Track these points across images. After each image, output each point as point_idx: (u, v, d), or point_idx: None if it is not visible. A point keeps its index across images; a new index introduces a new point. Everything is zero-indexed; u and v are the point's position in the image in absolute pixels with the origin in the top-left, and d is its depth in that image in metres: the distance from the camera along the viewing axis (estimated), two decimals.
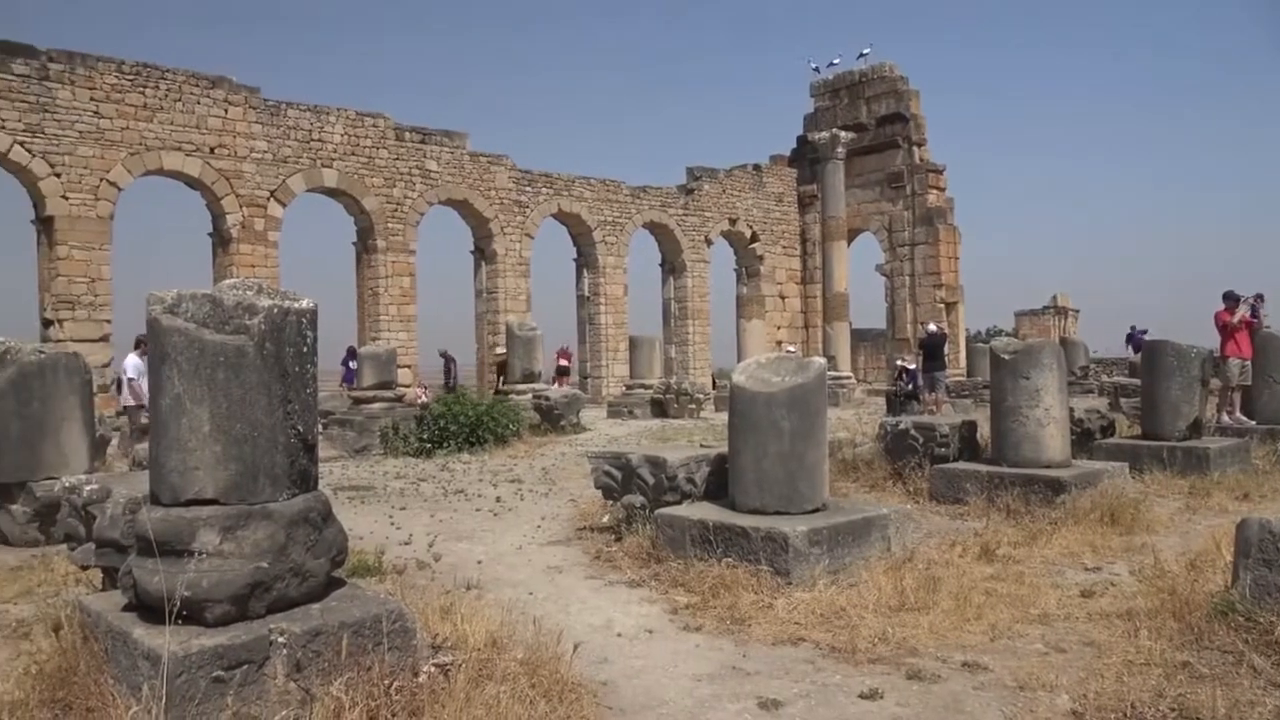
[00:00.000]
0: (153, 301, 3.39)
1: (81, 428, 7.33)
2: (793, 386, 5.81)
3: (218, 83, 21.00)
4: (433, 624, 4.16)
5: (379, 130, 23.51)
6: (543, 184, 26.78)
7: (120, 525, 4.17)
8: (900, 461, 8.94)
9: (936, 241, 30.32)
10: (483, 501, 9.09)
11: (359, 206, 23.36)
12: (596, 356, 28.28)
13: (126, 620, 3.36)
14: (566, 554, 6.67)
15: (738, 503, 5.92)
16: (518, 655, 3.85)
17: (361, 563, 5.74)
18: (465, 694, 3.33)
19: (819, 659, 4.29)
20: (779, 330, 32.24)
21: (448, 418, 13.81)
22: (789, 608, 4.89)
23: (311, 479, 3.61)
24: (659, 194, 29.48)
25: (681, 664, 4.27)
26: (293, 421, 3.47)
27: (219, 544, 3.27)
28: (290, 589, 3.42)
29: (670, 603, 5.23)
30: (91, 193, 19.25)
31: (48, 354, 7.23)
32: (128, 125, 19.66)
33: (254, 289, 3.49)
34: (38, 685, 3.49)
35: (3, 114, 18.17)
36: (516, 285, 26.08)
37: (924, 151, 30.93)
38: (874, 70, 31.80)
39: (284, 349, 3.44)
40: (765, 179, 32.26)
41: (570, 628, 4.62)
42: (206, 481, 3.32)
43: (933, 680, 3.98)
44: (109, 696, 3.17)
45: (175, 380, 3.32)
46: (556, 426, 16.51)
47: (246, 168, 21.33)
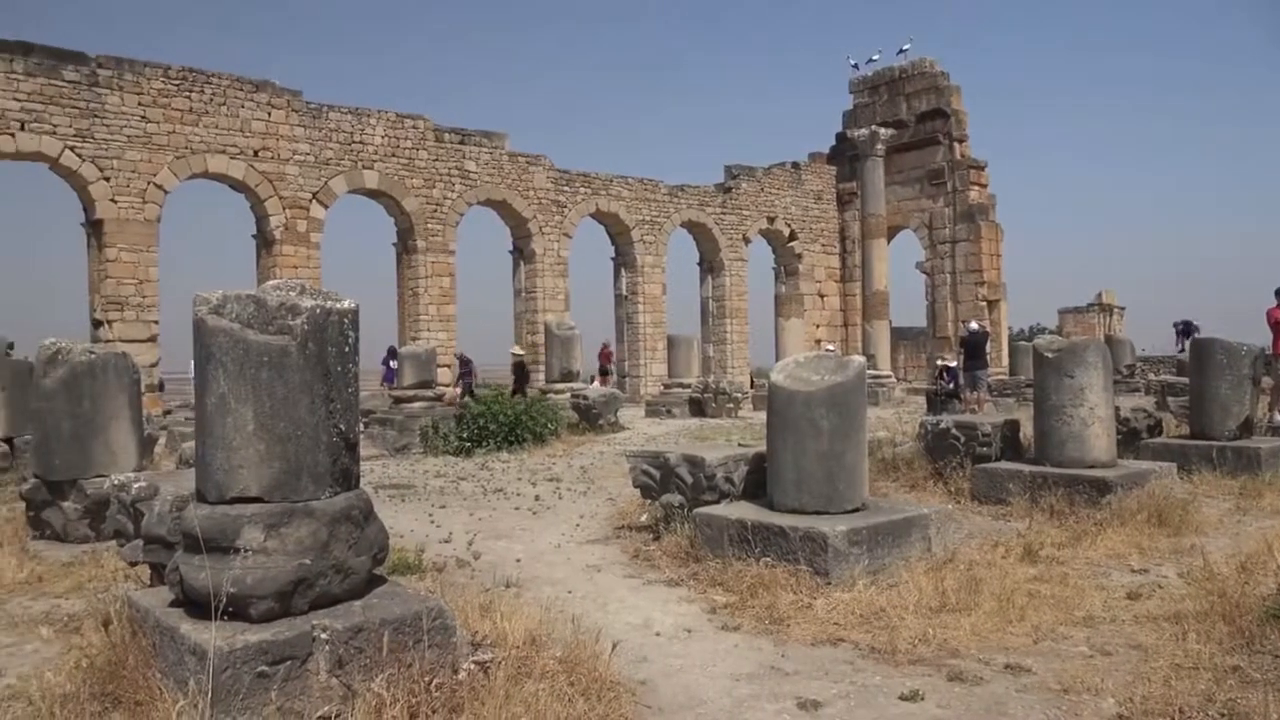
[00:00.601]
0: (199, 302, 3.45)
1: (130, 426, 7.46)
2: (832, 385, 5.77)
3: (261, 86, 21.32)
4: (472, 621, 4.18)
5: (419, 131, 23.72)
6: (581, 184, 26.86)
7: (167, 522, 4.25)
8: (941, 461, 8.84)
9: (978, 238, 29.97)
10: (521, 500, 9.13)
11: (399, 207, 23.59)
12: (634, 356, 28.31)
13: (173, 616, 3.42)
14: (605, 553, 6.68)
15: (776, 502, 5.90)
16: (556, 653, 3.87)
17: (402, 560, 5.80)
18: (505, 691, 3.35)
19: (858, 660, 4.26)
20: (818, 329, 32.05)
21: (487, 417, 13.90)
22: (828, 608, 4.86)
23: (353, 477, 3.65)
24: (697, 193, 29.44)
25: (720, 663, 4.26)
26: (335, 420, 3.51)
27: (263, 541, 3.32)
28: (332, 586, 3.46)
29: (708, 602, 5.22)
30: (139, 196, 19.63)
31: (97, 354, 7.36)
32: (174, 129, 20.02)
33: (297, 289, 3.53)
34: (88, 679, 3.57)
35: (54, 120, 18.58)
36: (555, 285, 26.18)
37: (965, 147, 30.58)
38: (914, 66, 31.51)
39: (326, 349, 3.48)
40: (804, 177, 32.09)
41: (609, 626, 4.63)
42: (251, 479, 3.37)
43: (974, 682, 3.93)
44: (156, 690, 3.23)
45: (220, 380, 3.37)
46: (594, 426, 16.55)
47: (289, 170, 21.63)
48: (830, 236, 32.64)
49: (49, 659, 4.23)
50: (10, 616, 5.10)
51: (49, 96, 18.54)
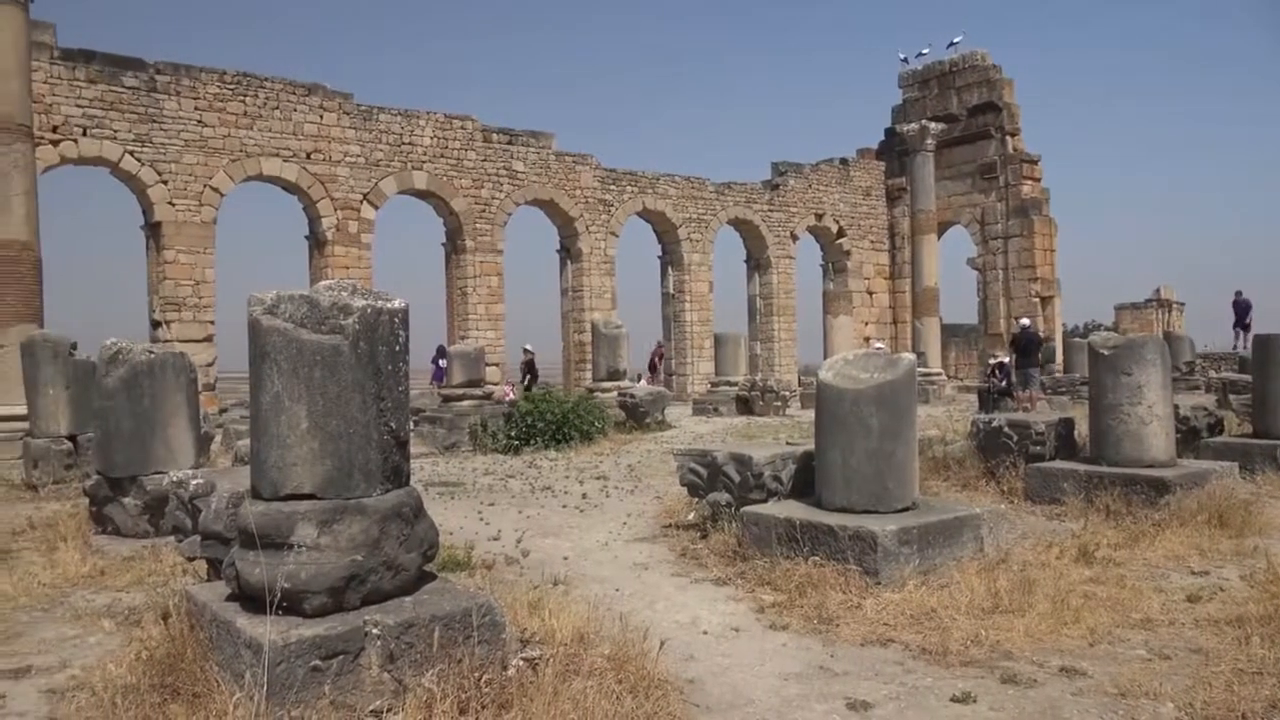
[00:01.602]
0: (253, 303, 3.51)
1: (188, 424, 7.62)
2: (881, 383, 5.72)
3: (313, 90, 21.65)
4: (521, 618, 4.21)
5: (467, 132, 23.92)
6: (627, 182, 26.89)
7: (224, 518, 4.33)
8: (993, 460, 8.71)
9: (1031, 234, 29.47)
10: (569, 498, 9.17)
11: (448, 207, 23.81)
12: (681, 354, 28.28)
13: (230, 610, 3.49)
14: (652, 551, 6.68)
15: (825, 501, 5.86)
16: (604, 651, 3.88)
17: (451, 557, 5.86)
18: (553, 688, 3.37)
19: (909, 660, 4.21)
20: (866, 326, 31.75)
21: (535, 415, 13.98)
22: (878, 608, 4.81)
23: (404, 475, 3.70)
24: (743, 190, 29.32)
25: (768, 663, 4.24)
26: (385, 419, 3.55)
27: (316, 537, 3.37)
28: (383, 582, 3.50)
29: (756, 601, 5.20)
30: (196, 199, 20.05)
31: (156, 354, 7.53)
32: (229, 133, 20.41)
33: (348, 289, 3.58)
34: (148, 671, 3.66)
35: (114, 125, 19.05)
36: (602, 283, 26.25)
37: (1018, 141, 30.07)
38: (965, 59, 31.06)
39: (377, 348, 3.52)
40: (852, 173, 31.80)
41: (656, 624, 4.63)
42: (304, 477, 3.42)
43: (1028, 685, 3.87)
44: (214, 683, 3.29)
45: (274, 379, 3.43)
46: (641, 424, 16.56)
47: (340, 171, 21.94)
48: (879, 233, 32.31)
49: (111, 651, 4.33)
50: (74, 609, 5.24)
51: (109, 102, 19.01)
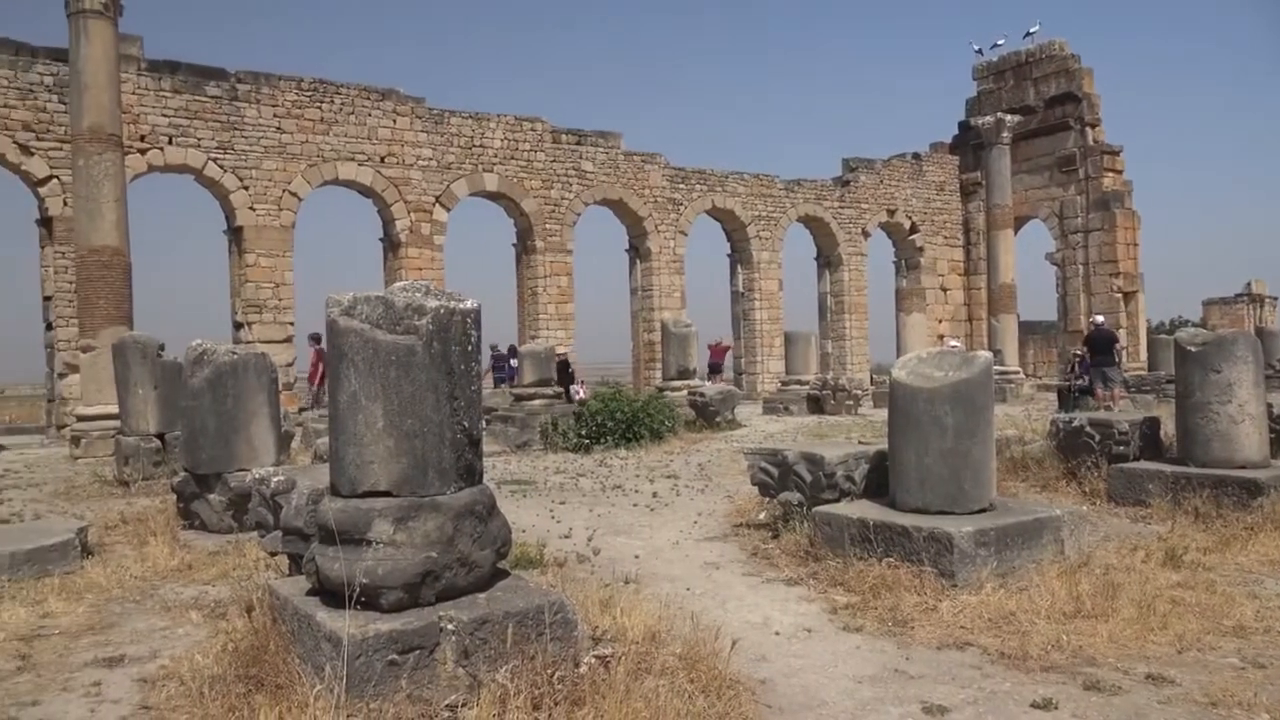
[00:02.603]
0: (331, 304, 3.59)
1: (269, 423, 7.84)
2: (956, 382, 5.61)
3: (387, 95, 22.08)
4: (592, 616, 4.24)
5: (536, 134, 24.14)
6: (696, 181, 26.84)
7: (304, 514, 4.44)
8: (1074, 460, 8.47)
9: (1113, 227, 28.61)
10: (639, 497, 9.19)
11: (518, 209, 24.07)
12: (751, 352, 28.13)
13: (310, 604, 3.58)
14: (723, 550, 6.66)
15: (899, 501, 5.77)
16: (676, 650, 3.88)
17: (524, 555, 5.91)
18: (625, 686, 3.38)
19: (987, 665, 4.12)
20: (941, 324, 31.19)
21: (605, 414, 14.04)
22: (954, 610, 4.72)
23: (477, 473, 3.74)
24: (813, 187, 29.04)
25: (841, 664, 4.19)
26: (459, 418, 3.60)
27: (392, 534, 3.43)
28: (458, 578, 3.55)
29: (829, 602, 5.14)
30: (275, 203, 20.61)
31: (239, 354, 7.76)
32: (306, 139, 20.93)
33: (422, 291, 3.64)
34: (233, 662, 3.77)
35: (198, 133, 19.69)
36: (671, 282, 26.25)
37: (1098, 132, 29.22)
38: (1042, 49, 30.29)
39: (450, 348, 3.57)
40: (925, 167, 31.27)
41: (727, 624, 4.62)
42: (380, 474, 3.49)
43: (1112, 692, 3.76)
44: (295, 675, 3.38)
45: (352, 378, 3.50)
46: (711, 423, 16.52)
47: (414, 175, 22.33)
48: (953, 228, 31.71)
49: (198, 642, 4.48)
50: (163, 601, 5.43)
51: (193, 111, 19.66)
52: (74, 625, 4.94)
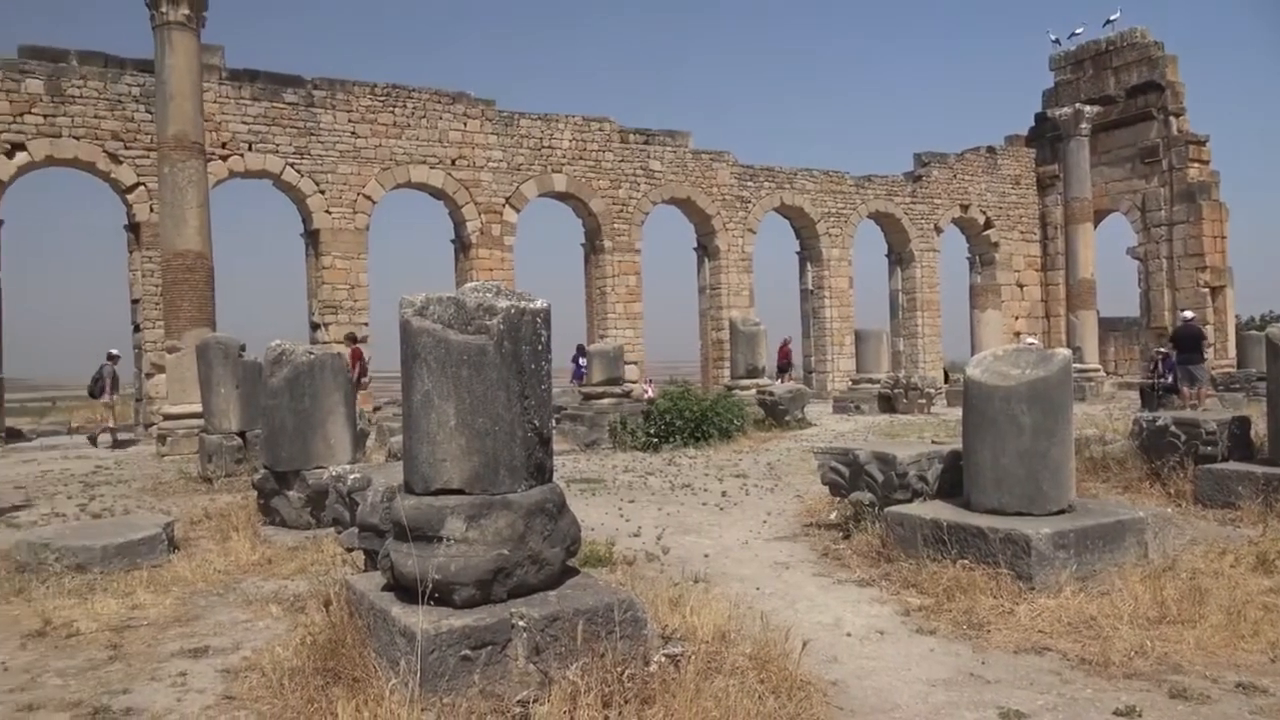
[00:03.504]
0: (405, 305, 3.66)
1: (345, 421, 8.00)
2: (1034, 380, 5.47)
3: (457, 98, 22.40)
4: (662, 615, 4.24)
5: (604, 134, 24.24)
6: (764, 178, 26.68)
7: (379, 511, 4.53)
8: (1158, 461, 8.20)
9: (1199, 220, 27.61)
10: (708, 496, 9.16)
11: (586, 209, 24.20)
12: (821, 350, 27.85)
13: (385, 599, 3.64)
14: (793, 550, 6.61)
15: (973, 502, 5.65)
16: (746, 650, 3.86)
17: (593, 553, 5.94)
18: (695, 685, 3.37)
19: (1066, 670, 4.02)
20: (1016, 320, 30.48)
21: (673, 413, 14.04)
22: (1032, 614, 4.61)
23: (547, 471, 3.77)
24: (884, 183, 28.63)
25: (914, 667, 4.13)
26: (529, 416, 3.63)
27: (465, 531, 3.48)
28: (528, 576, 3.58)
29: (902, 604, 5.07)
30: (350, 207, 21.06)
31: (316, 354, 7.94)
32: (380, 143, 21.35)
33: (493, 291, 3.68)
34: (312, 655, 3.86)
35: (276, 139, 20.23)
36: (739, 281, 26.13)
37: (1182, 122, 28.23)
38: (1123, 38, 29.38)
39: (520, 347, 3.61)
40: (1000, 161, 30.58)
41: (798, 625, 4.58)
42: (453, 472, 3.54)
43: (1200, 700, 3.63)
44: (371, 668, 3.45)
45: (425, 378, 3.56)
46: (781, 422, 16.40)
47: (484, 177, 22.62)
48: (1030, 223, 30.97)
49: (278, 635, 4.60)
50: (245, 595, 5.59)
51: (272, 118, 20.20)
52: (161, 617, 5.12)
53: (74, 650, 4.57)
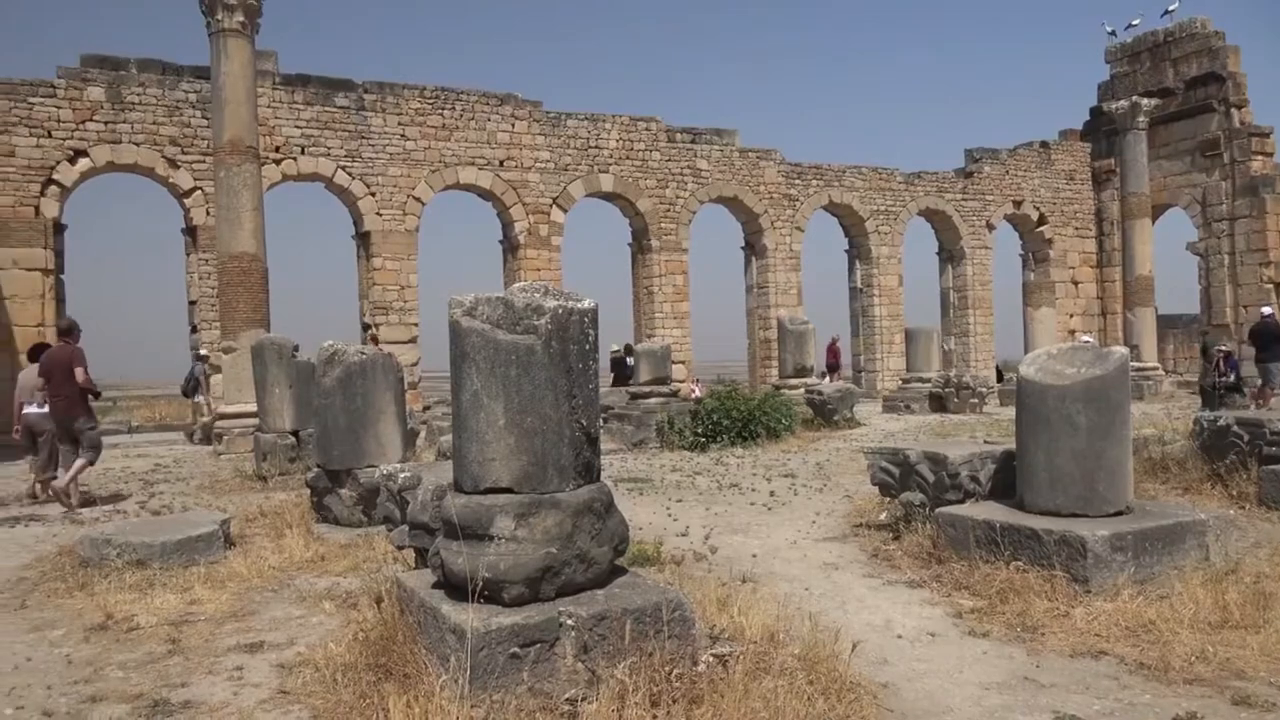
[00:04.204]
0: (454, 305, 3.69)
1: (395, 421, 8.10)
2: (1089, 379, 5.36)
3: (505, 100, 22.57)
4: (710, 614, 4.23)
5: (651, 133, 24.25)
6: (812, 176, 26.49)
7: (429, 510, 4.57)
8: (1220, 462, 7.99)
9: (1262, 214, 26.85)
10: (756, 496, 9.12)
11: (634, 208, 24.23)
12: (870, 349, 27.60)
13: (435, 597, 3.68)
14: (842, 551, 6.55)
15: (1027, 503, 5.56)
16: (794, 651, 3.83)
17: (641, 552, 5.94)
18: (743, 686, 3.36)
19: (1124, 675, 3.93)
20: (1071, 319, 29.92)
21: (721, 412, 14.00)
22: (1088, 617, 4.52)
23: (594, 470, 3.78)
24: (934, 179, 28.28)
25: (967, 670, 4.07)
26: (577, 416, 3.65)
27: (513, 530, 3.50)
28: (576, 574, 3.60)
29: (953, 605, 5.00)
30: (400, 209, 21.32)
31: (367, 355, 8.05)
32: (429, 145, 21.58)
33: (540, 291, 3.70)
34: (364, 651, 3.92)
35: (328, 143, 20.55)
36: (787, 279, 25.99)
37: (1245, 114, 27.47)
38: (1182, 28, 28.69)
39: (568, 347, 3.62)
40: (1054, 156, 30.04)
41: (848, 626, 4.54)
42: (502, 471, 3.56)
43: (1265, 708, 3.53)
44: (422, 665, 3.48)
45: (474, 377, 3.59)
46: (829, 421, 16.28)
47: (531, 177, 22.75)
48: (1085, 219, 30.37)
49: (331, 631, 4.67)
50: (299, 591, 5.68)
51: (324, 122, 20.52)
52: (218, 612, 5.22)
53: (134, 644, 4.69)
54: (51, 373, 9.68)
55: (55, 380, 9.67)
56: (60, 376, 9.65)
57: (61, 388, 9.65)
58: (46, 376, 9.71)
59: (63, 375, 9.64)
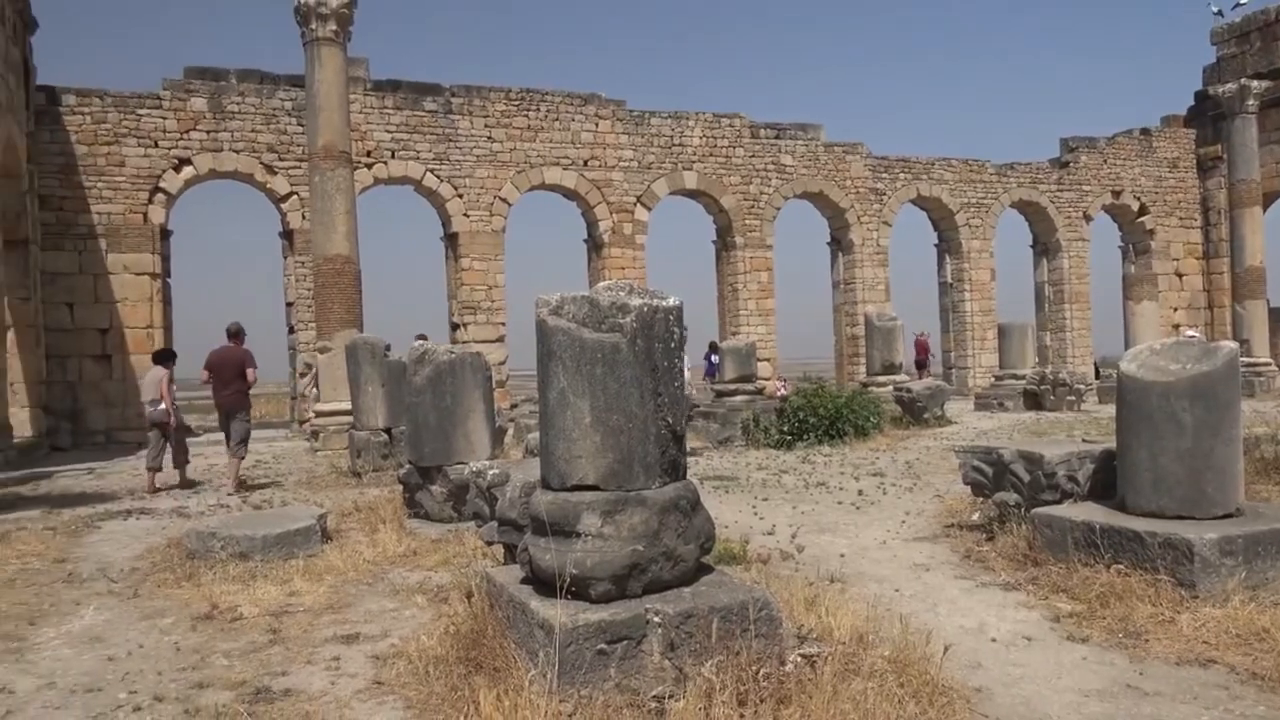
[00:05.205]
0: (540, 304, 3.73)
1: (484, 418, 8.23)
2: (1195, 375, 5.14)
3: (589, 100, 22.72)
4: (797, 614, 4.19)
5: (735, 130, 24.13)
6: (900, 169, 26.01)
7: (517, 506, 4.64)
8: None
9: None
10: (844, 494, 9.00)
11: (717, 205, 24.14)
12: (961, 345, 26.98)
13: (524, 592, 3.73)
14: (933, 551, 6.42)
15: (1129, 504, 5.35)
16: (884, 652, 3.77)
17: (727, 550, 5.92)
18: (832, 687, 3.32)
19: (1235, 685, 3.76)
20: (1175, 312, 28.73)
21: (807, 410, 13.86)
22: (1195, 624, 4.33)
23: (680, 468, 3.78)
24: (1028, 170, 27.47)
25: (1066, 676, 3.94)
26: (662, 413, 3.65)
27: (600, 527, 3.52)
28: (663, 572, 3.60)
29: (1051, 609, 4.85)
30: (487, 210, 21.66)
31: (456, 354, 8.20)
32: (515, 146, 21.87)
33: (625, 289, 3.72)
34: (455, 644, 3.99)
35: (417, 146, 20.99)
36: (874, 275, 25.58)
37: None
38: None
39: (653, 345, 3.63)
40: (1155, 143, 28.87)
41: (939, 628, 4.45)
42: (588, 469, 3.59)
43: None
44: (511, 659, 3.53)
45: (560, 376, 3.62)
46: (919, 419, 15.97)
47: (615, 176, 22.86)
48: (1189, 208, 29.12)
49: (423, 624, 4.77)
50: (392, 585, 5.82)
51: (413, 126, 20.98)
52: (316, 604, 5.39)
53: (238, 633, 4.87)
54: (221, 370, 10.94)
55: (224, 377, 10.94)
56: (230, 374, 10.93)
57: (230, 384, 10.93)
58: (214, 372, 10.93)
59: (232, 373, 10.93)
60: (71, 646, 4.76)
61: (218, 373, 10.99)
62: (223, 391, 11.02)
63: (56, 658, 4.58)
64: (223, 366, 11.00)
